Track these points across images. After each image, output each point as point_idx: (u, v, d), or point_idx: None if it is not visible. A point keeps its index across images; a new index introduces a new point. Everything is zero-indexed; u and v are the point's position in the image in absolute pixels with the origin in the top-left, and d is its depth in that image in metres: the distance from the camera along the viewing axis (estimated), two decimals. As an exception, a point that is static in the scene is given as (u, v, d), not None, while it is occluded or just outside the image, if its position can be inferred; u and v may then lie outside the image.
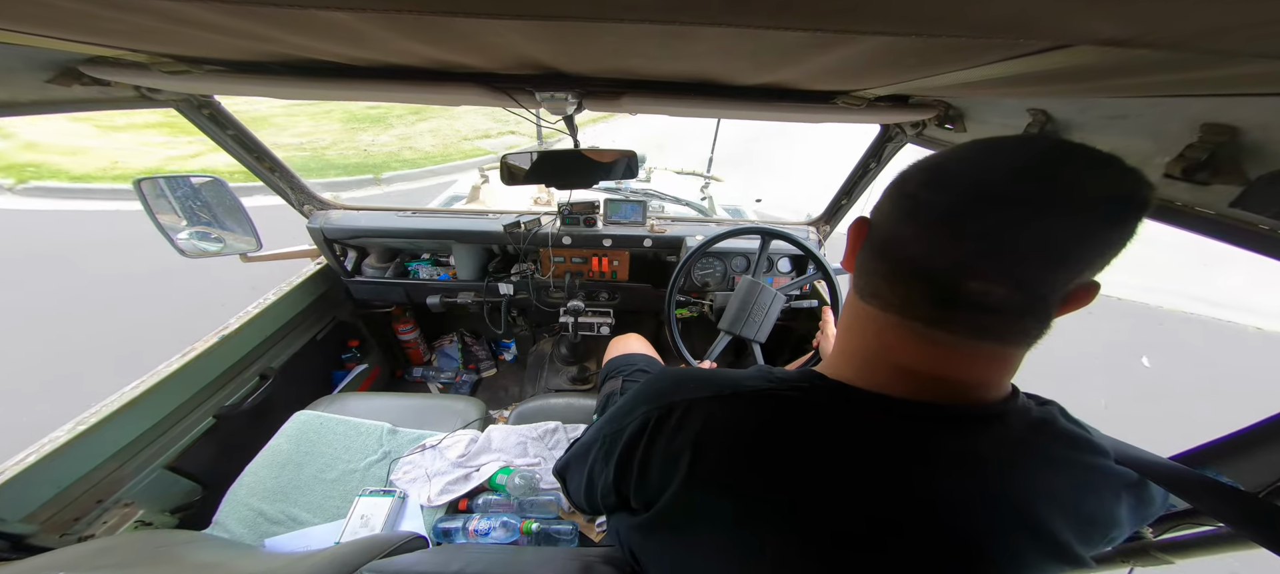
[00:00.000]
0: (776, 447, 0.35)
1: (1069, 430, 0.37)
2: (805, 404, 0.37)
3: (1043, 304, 0.31)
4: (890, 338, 0.35)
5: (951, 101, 0.84)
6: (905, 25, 0.30)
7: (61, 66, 0.70)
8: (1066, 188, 0.28)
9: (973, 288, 0.30)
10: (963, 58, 0.42)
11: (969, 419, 0.34)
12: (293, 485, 1.03)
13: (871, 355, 0.37)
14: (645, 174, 2.70)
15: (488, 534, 0.92)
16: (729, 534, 0.35)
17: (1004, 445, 0.35)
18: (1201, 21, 0.24)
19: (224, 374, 1.23)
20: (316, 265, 1.60)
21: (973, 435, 0.34)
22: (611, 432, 0.44)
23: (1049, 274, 0.30)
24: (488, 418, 1.30)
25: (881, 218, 0.36)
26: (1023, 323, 0.32)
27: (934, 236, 0.32)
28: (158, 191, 1.24)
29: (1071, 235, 0.29)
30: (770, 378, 0.39)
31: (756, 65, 0.56)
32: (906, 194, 0.34)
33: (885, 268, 0.35)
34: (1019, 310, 0.31)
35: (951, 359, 0.34)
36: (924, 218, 0.32)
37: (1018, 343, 0.33)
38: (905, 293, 0.34)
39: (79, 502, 0.89)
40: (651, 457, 0.39)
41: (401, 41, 0.49)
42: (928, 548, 0.33)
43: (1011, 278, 0.30)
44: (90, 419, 0.92)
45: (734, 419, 0.37)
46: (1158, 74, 0.36)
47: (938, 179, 0.33)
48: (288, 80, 0.71)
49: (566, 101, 0.77)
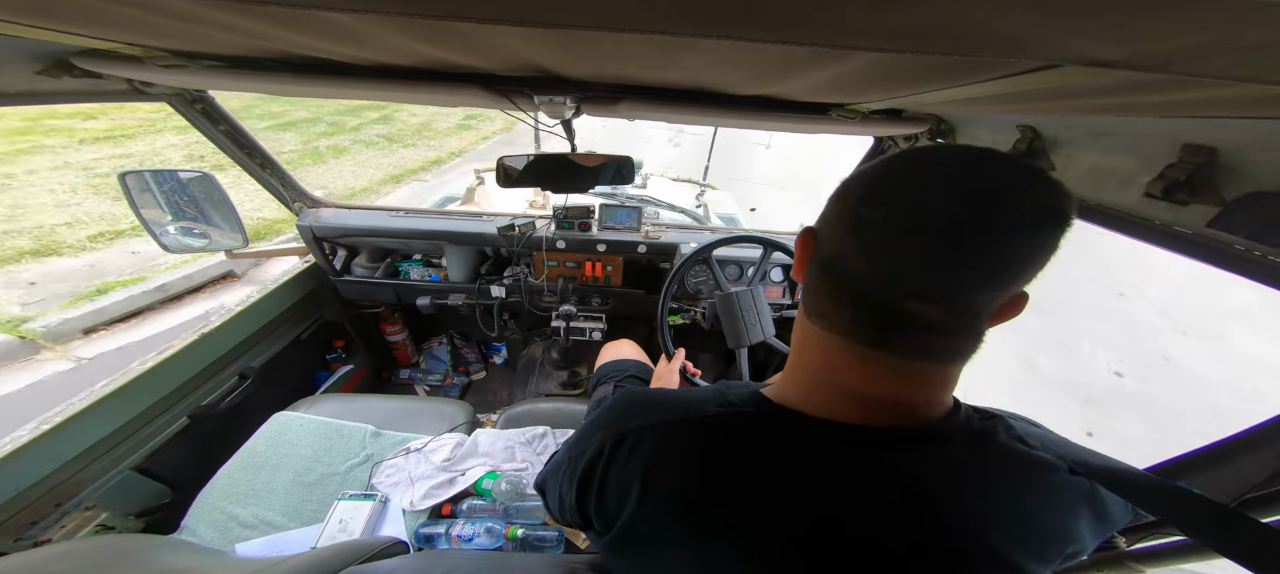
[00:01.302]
0: (723, 474, 0.36)
1: (1012, 448, 0.37)
2: (753, 430, 0.37)
3: (977, 321, 0.32)
4: (836, 359, 0.35)
5: (944, 116, 0.85)
6: (901, 43, 0.31)
7: (53, 58, 0.69)
8: (1002, 206, 0.29)
9: (909, 309, 0.31)
10: (956, 76, 0.43)
11: (912, 440, 0.35)
12: (268, 488, 1.00)
13: (818, 377, 0.37)
14: (641, 180, 2.71)
15: (471, 540, 0.90)
16: (682, 556, 0.36)
17: (947, 468, 0.35)
18: (1184, 44, 0.25)
19: (201, 373, 1.20)
20: (304, 263, 1.57)
21: (916, 457, 0.35)
22: (574, 455, 0.44)
23: (984, 292, 0.31)
24: (475, 421, 1.28)
25: (826, 230, 0.36)
26: (957, 341, 0.32)
27: (873, 255, 0.32)
28: (143, 185, 1.21)
29: (1007, 253, 0.29)
30: (722, 401, 0.39)
31: (754, 77, 0.57)
32: (848, 209, 0.34)
33: (830, 286, 0.35)
34: (954, 329, 0.32)
35: (893, 380, 0.34)
36: (864, 235, 0.32)
37: (954, 361, 0.34)
38: (851, 315, 0.34)
39: (36, 505, 0.85)
40: (608, 482, 0.40)
41: (400, 41, 0.48)
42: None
43: (946, 297, 0.31)
44: (54, 418, 0.88)
45: (682, 446, 0.38)
46: (1141, 94, 0.37)
47: (876, 194, 0.32)
48: (284, 78, 0.70)
49: (565, 105, 0.77)
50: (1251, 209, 0.43)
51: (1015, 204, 0.29)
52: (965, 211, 0.29)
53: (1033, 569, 0.35)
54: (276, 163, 1.37)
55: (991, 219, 0.29)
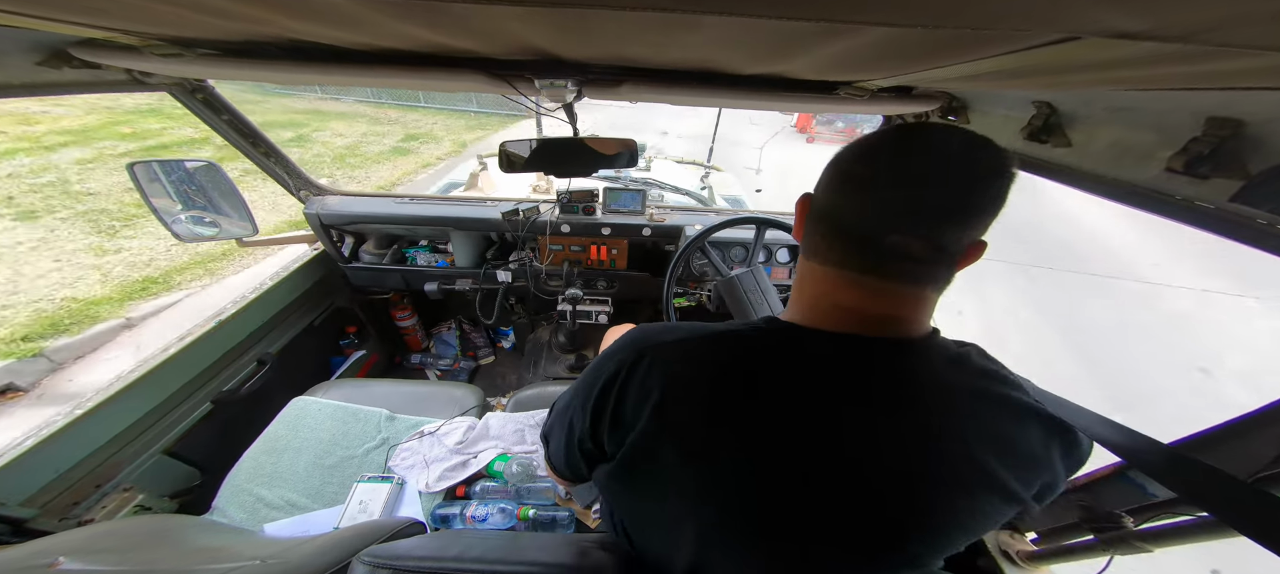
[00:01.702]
0: (735, 381, 0.41)
1: (985, 365, 0.43)
2: (761, 344, 0.43)
3: (947, 254, 0.39)
4: (829, 286, 0.42)
5: (955, 93, 0.83)
6: (913, 16, 0.30)
7: (52, 48, 0.69)
8: (961, 163, 0.37)
9: (893, 241, 0.38)
10: (969, 49, 0.41)
11: (898, 348, 0.41)
12: (291, 471, 1.04)
13: (815, 301, 0.44)
14: (645, 163, 2.68)
15: (485, 520, 0.93)
16: (692, 464, 0.40)
17: (935, 374, 0.41)
18: (1213, 14, 0.23)
19: (221, 359, 1.23)
20: (313, 251, 1.59)
21: (908, 362, 0.41)
22: (589, 381, 0.48)
23: (951, 230, 0.38)
24: (485, 405, 1.30)
25: (821, 192, 0.44)
26: (934, 269, 0.39)
27: (862, 201, 0.40)
28: (151, 175, 1.23)
29: (964, 197, 0.38)
30: (728, 327, 0.45)
31: (759, 55, 0.56)
32: (841, 169, 0.42)
33: (825, 229, 0.43)
34: (930, 259, 0.39)
35: (880, 299, 0.41)
36: (854, 186, 0.41)
37: (931, 285, 0.41)
38: (842, 248, 0.41)
39: (77, 486, 0.89)
40: (625, 398, 0.43)
41: (399, 25, 0.48)
42: (874, 477, 0.38)
43: (922, 232, 0.38)
44: (88, 404, 0.92)
45: (698, 358, 0.43)
46: (1166, 66, 0.36)
47: (865, 155, 0.41)
48: (283, 65, 0.70)
49: (566, 89, 0.76)
50: (1276, 182, 0.42)
51: (969, 162, 0.37)
52: (933, 168, 0.38)
53: (1014, 487, 0.40)
54: (280, 152, 1.37)
55: (953, 173, 0.37)
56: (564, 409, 0.52)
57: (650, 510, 0.46)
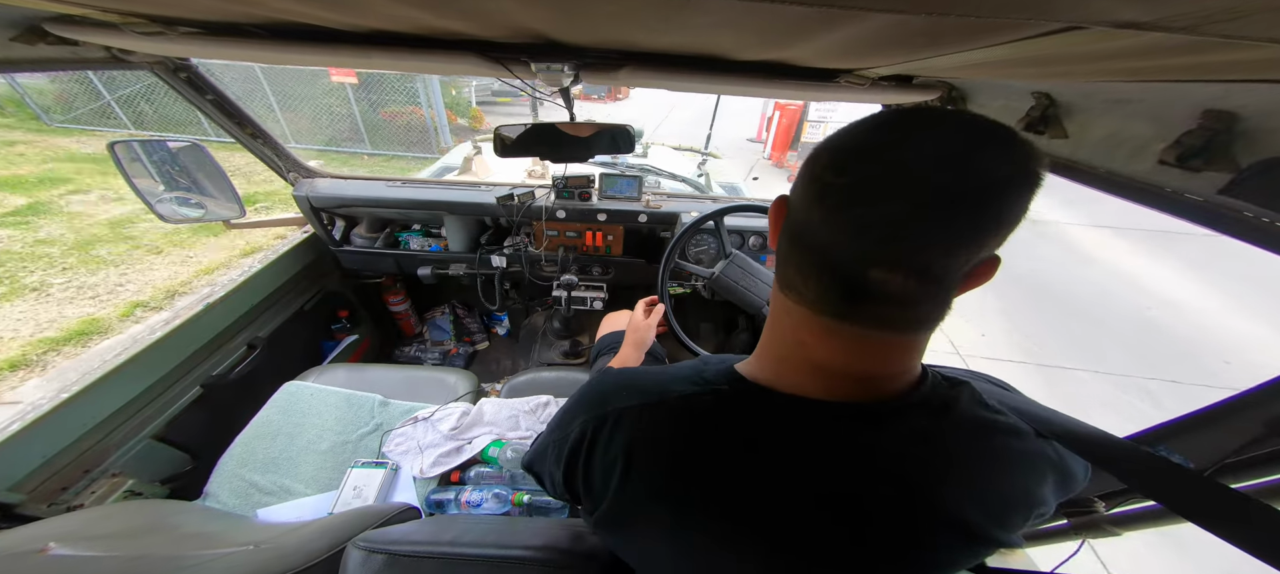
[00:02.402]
0: (696, 454, 0.37)
1: (978, 416, 0.37)
2: (723, 409, 0.38)
3: (943, 289, 0.31)
4: (804, 334, 0.35)
5: (955, 83, 0.82)
6: (916, 4, 0.29)
7: (25, 24, 0.66)
8: (973, 166, 0.27)
9: (874, 278, 0.30)
10: (972, 38, 0.41)
11: (878, 414, 0.35)
12: (284, 456, 1.04)
13: (788, 352, 0.37)
14: (641, 149, 2.66)
15: (480, 505, 0.94)
16: (664, 534, 0.38)
17: (914, 440, 0.35)
18: (1218, 4, 0.23)
19: (210, 343, 1.22)
20: (303, 234, 1.56)
21: (883, 432, 0.35)
22: (559, 438, 0.45)
23: (951, 258, 0.29)
24: (480, 391, 1.31)
25: (796, 199, 0.34)
26: (922, 309, 0.31)
27: (837, 223, 0.30)
28: (132, 155, 1.19)
29: (977, 215, 0.28)
30: (697, 379, 0.40)
31: (760, 40, 0.55)
32: (814, 176, 0.32)
33: (798, 257, 0.34)
34: (919, 298, 0.31)
35: (860, 352, 0.34)
36: (829, 202, 0.31)
37: (920, 330, 0.33)
38: (817, 286, 0.33)
39: (65, 471, 0.88)
40: (593, 464, 0.41)
41: (392, 6, 0.46)
42: (843, 549, 0.35)
43: (913, 265, 0.29)
44: (74, 387, 0.90)
45: (657, 427, 0.38)
46: (1169, 57, 0.36)
47: (839, 160, 0.31)
48: (270, 44, 0.67)
49: (563, 73, 0.74)
50: (1265, 176, 0.42)
51: (987, 164, 0.27)
52: (935, 174, 0.27)
53: (999, 536, 0.37)
54: (267, 133, 1.34)
55: (962, 180, 0.27)
56: (542, 453, 0.50)
57: (631, 554, 0.44)
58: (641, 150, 2.65)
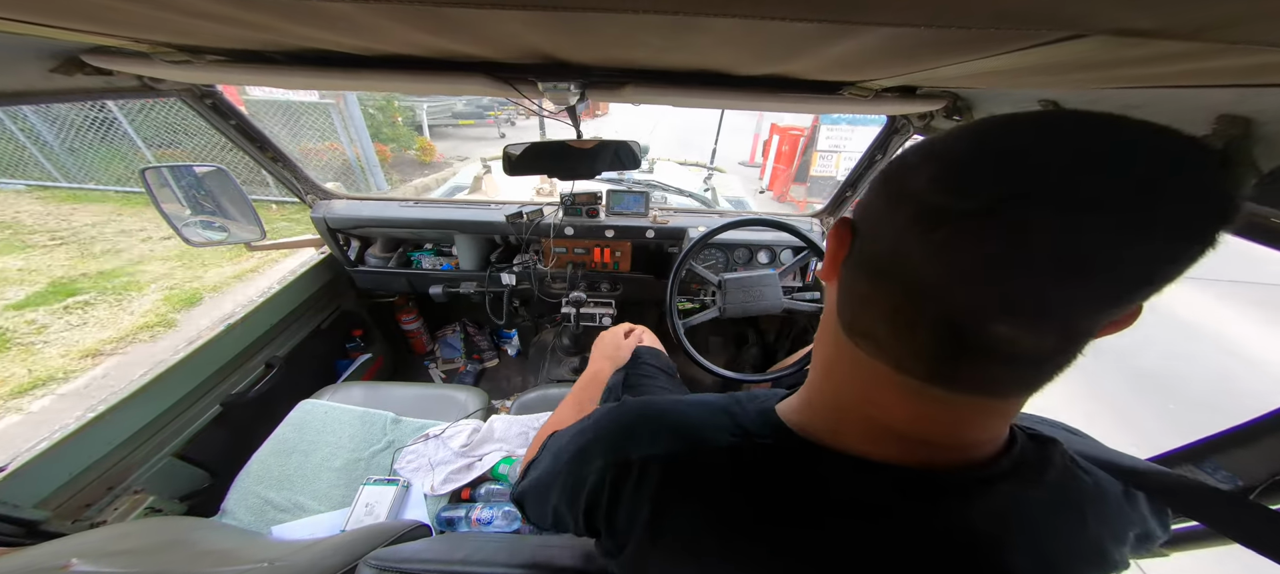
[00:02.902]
0: (742, 520, 0.32)
1: (1071, 481, 0.33)
2: (772, 469, 0.32)
3: (1081, 343, 0.24)
4: (875, 393, 0.29)
5: (960, 93, 0.82)
6: (917, 15, 0.29)
7: (65, 55, 0.70)
8: (1154, 192, 0.20)
9: (997, 334, 0.23)
10: (974, 48, 0.41)
11: (961, 486, 0.29)
12: (299, 474, 1.05)
13: (848, 408, 0.31)
14: (648, 165, 2.69)
15: (490, 523, 0.93)
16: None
17: (1000, 514, 0.30)
18: (1225, 11, 0.23)
19: (230, 363, 1.25)
20: (320, 255, 1.60)
21: (964, 506, 0.29)
22: (573, 479, 0.41)
23: (1109, 308, 0.22)
24: (490, 408, 1.31)
25: (874, 223, 0.27)
26: (1045, 372, 0.25)
27: (955, 260, 0.22)
28: (161, 181, 1.24)
29: (1154, 255, 0.21)
30: (734, 426, 0.35)
31: (762, 56, 0.56)
32: (911, 194, 0.25)
33: (883, 299, 0.27)
34: (1050, 356, 0.24)
35: (949, 419, 0.28)
36: (938, 233, 0.23)
37: (1028, 393, 0.27)
38: (910, 341, 0.26)
39: (90, 488, 0.90)
40: (616, 511, 0.37)
41: (403, 31, 0.48)
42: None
43: (1060, 319, 0.23)
44: (99, 407, 0.93)
45: (692, 485, 0.34)
46: (1176, 64, 0.35)
47: (957, 175, 0.23)
48: (289, 70, 0.71)
49: (569, 92, 0.76)
50: None
51: (1172, 190, 0.20)
52: (1115, 197, 0.20)
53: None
54: (288, 156, 1.39)
55: (1139, 210, 0.20)
56: (544, 491, 0.45)
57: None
58: (648, 166, 2.68)
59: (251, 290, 2.71)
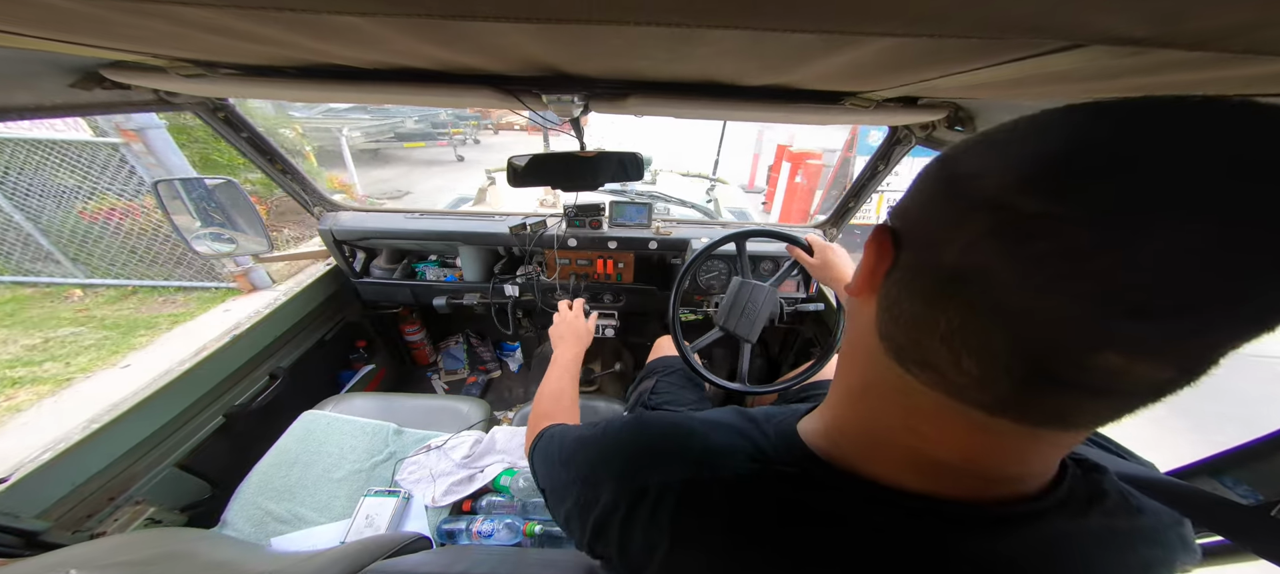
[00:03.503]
0: (759, 552, 0.30)
1: (1124, 517, 0.30)
2: (798, 500, 0.30)
3: (1195, 378, 0.20)
4: (923, 423, 0.26)
5: (961, 103, 0.83)
6: (916, 26, 0.30)
7: (84, 70, 0.72)
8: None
9: (1106, 364, 0.19)
10: (974, 58, 0.41)
11: (1008, 521, 0.27)
12: (300, 485, 1.04)
13: (886, 434, 0.29)
14: (651, 176, 2.71)
15: (491, 536, 0.92)
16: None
17: (1048, 552, 0.27)
18: (1222, 20, 0.23)
19: (234, 374, 1.25)
20: (326, 266, 1.62)
21: (1012, 542, 0.27)
22: (584, 497, 0.40)
23: (1245, 338, 0.18)
24: (492, 419, 1.30)
25: (931, 233, 0.23)
26: (1141, 404, 0.21)
27: (1066, 284, 0.18)
28: (173, 193, 1.26)
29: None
30: (754, 451, 0.33)
31: (764, 67, 0.56)
32: (984, 199, 0.21)
33: (949, 322, 0.22)
34: (1151, 392, 0.20)
35: (1006, 449, 0.25)
36: (1027, 247, 0.19)
37: (1106, 424, 0.23)
38: (980, 368, 0.22)
39: (91, 499, 0.90)
40: (629, 540, 0.35)
41: (411, 44, 0.49)
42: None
43: (1184, 352, 0.19)
44: (104, 418, 0.93)
45: (710, 516, 0.32)
46: (1178, 73, 0.35)
47: (1056, 174, 0.19)
48: (300, 83, 0.72)
49: (572, 103, 0.77)
50: None
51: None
52: (1256, 201, 0.16)
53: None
54: (297, 169, 1.41)
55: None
56: (562, 491, 0.44)
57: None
58: (650, 177, 2.70)
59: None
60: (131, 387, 1.01)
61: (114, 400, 0.97)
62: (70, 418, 0.97)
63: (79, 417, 0.90)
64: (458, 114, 8.52)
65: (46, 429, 1.36)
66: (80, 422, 0.92)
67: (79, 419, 0.92)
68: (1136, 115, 0.19)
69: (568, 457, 0.45)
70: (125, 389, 0.99)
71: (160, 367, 1.04)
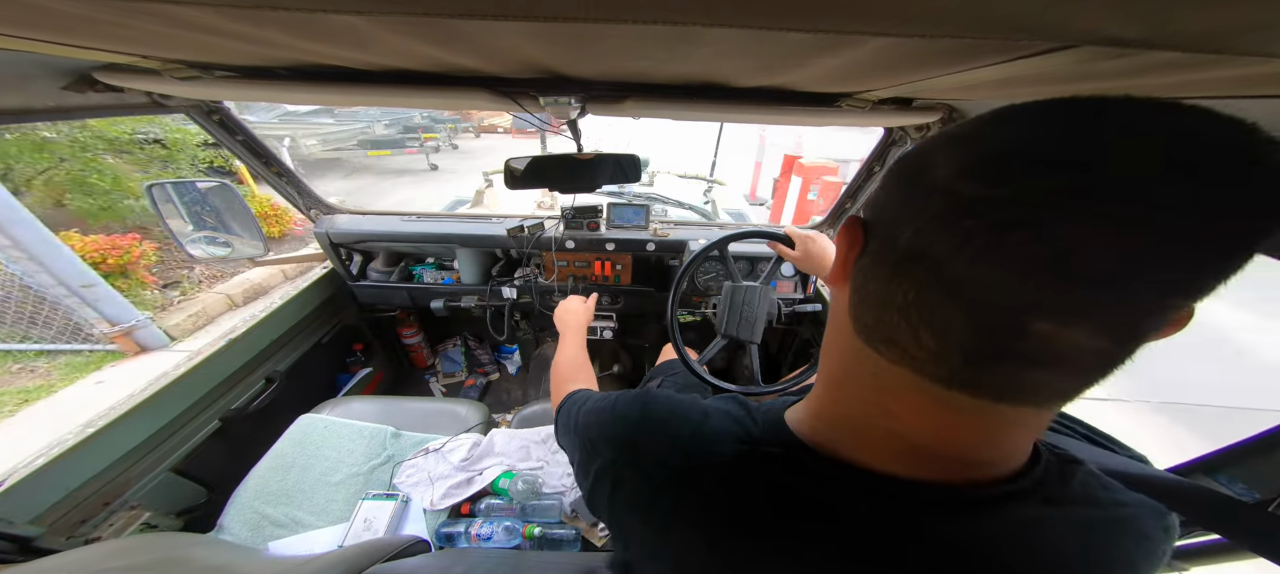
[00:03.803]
0: (752, 535, 0.31)
1: (1099, 504, 0.31)
2: (785, 482, 0.31)
3: (1127, 352, 0.22)
4: (894, 402, 0.28)
5: (955, 104, 0.83)
6: (909, 26, 0.30)
7: (77, 73, 0.72)
8: (1253, 180, 0.18)
9: (1038, 333, 0.21)
10: (966, 58, 0.42)
11: (982, 502, 0.28)
12: (297, 488, 1.04)
13: (863, 419, 0.30)
14: (648, 178, 2.71)
15: (490, 538, 0.92)
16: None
17: (1018, 535, 0.28)
18: (1208, 22, 0.24)
19: (230, 377, 1.24)
20: (322, 269, 1.61)
21: (985, 524, 0.28)
22: (588, 463, 0.43)
23: (1170, 310, 0.21)
24: (490, 422, 1.30)
25: (893, 220, 0.26)
26: (1089, 378, 0.23)
27: (986, 254, 0.21)
28: (166, 197, 1.26)
29: (1233, 249, 0.19)
30: (743, 434, 0.35)
31: (760, 67, 0.57)
32: (935, 186, 0.23)
33: (903, 297, 0.25)
34: (1093, 364, 0.22)
35: (973, 429, 0.26)
36: (967, 223, 0.21)
37: (1061, 403, 0.25)
38: (934, 341, 0.24)
39: (86, 504, 0.89)
40: (617, 511, 0.38)
41: (407, 45, 0.49)
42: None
43: (1111, 319, 0.21)
44: (99, 422, 0.92)
45: (702, 496, 0.33)
46: (1168, 75, 0.36)
47: (988, 162, 0.22)
48: (295, 85, 0.72)
49: (570, 105, 0.77)
50: None
51: (1245, 169, 0.18)
52: (1148, 192, 0.18)
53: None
54: (292, 171, 1.40)
55: (1216, 194, 0.18)
56: (572, 451, 0.47)
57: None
58: (648, 179, 2.71)
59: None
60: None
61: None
62: None
63: None
64: (433, 116, 7.80)
65: None
66: (75, 425, 0.91)
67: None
68: (1072, 112, 0.21)
69: (580, 423, 0.47)
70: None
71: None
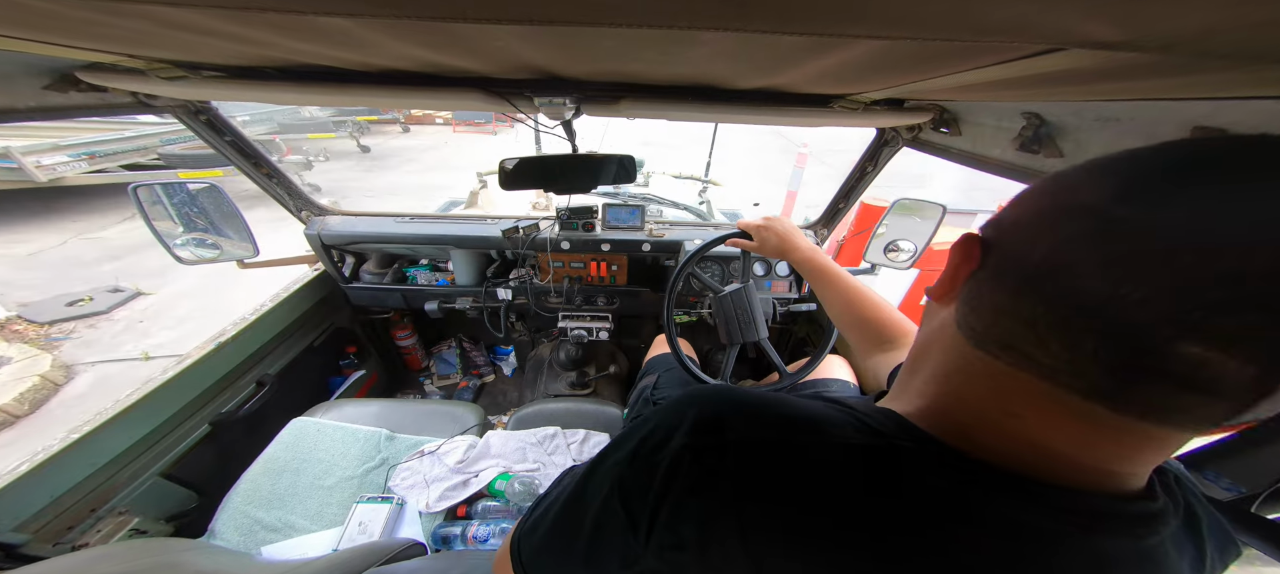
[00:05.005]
0: (866, 522, 0.27)
1: (1206, 520, 0.32)
2: (919, 476, 0.28)
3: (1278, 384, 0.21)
4: (1019, 405, 0.26)
5: (946, 105, 0.84)
6: (900, 29, 0.31)
7: (58, 72, 0.70)
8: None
9: (1185, 356, 0.20)
10: (957, 61, 0.42)
11: (1118, 519, 0.26)
12: (290, 492, 1.03)
13: (980, 416, 0.28)
14: (643, 178, 2.71)
15: (486, 540, 0.91)
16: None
17: (1156, 558, 0.27)
18: (1192, 24, 0.24)
19: (220, 381, 1.23)
20: (314, 272, 1.59)
21: (1122, 542, 0.26)
22: (626, 464, 0.33)
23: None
24: (486, 423, 1.29)
25: (1028, 236, 0.26)
26: (1239, 404, 0.21)
27: (1136, 273, 0.21)
28: (153, 198, 1.23)
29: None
30: (859, 423, 0.30)
31: (754, 69, 0.57)
32: (1078, 206, 0.24)
33: (1032, 310, 0.25)
34: (1243, 392, 0.21)
35: (1104, 441, 0.25)
36: (1115, 244, 0.22)
37: (1202, 430, 0.24)
38: (1067, 353, 0.23)
39: (72, 510, 0.88)
40: (686, 500, 0.29)
41: (399, 46, 0.49)
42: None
43: (1264, 346, 0.20)
44: (85, 427, 0.91)
45: (806, 477, 0.28)
46: (1149, 77, 0.37)
47: (1142, 185, 0.22)
48: (284, 86, 0.71)
49: (564, 106, 0.77)
50: None
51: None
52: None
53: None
54: (282, 172, 1.39)
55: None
56: (560, 530, 0.36)
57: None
58: (643, 179, 2.71)
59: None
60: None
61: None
62: None
63: None
64: (340, 113, 7.47)
65: None
66: (60, 432, 0.89)
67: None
68: (1233, 148, 0.22)
69: (599, 466, 0.37)
70: None
71: None
